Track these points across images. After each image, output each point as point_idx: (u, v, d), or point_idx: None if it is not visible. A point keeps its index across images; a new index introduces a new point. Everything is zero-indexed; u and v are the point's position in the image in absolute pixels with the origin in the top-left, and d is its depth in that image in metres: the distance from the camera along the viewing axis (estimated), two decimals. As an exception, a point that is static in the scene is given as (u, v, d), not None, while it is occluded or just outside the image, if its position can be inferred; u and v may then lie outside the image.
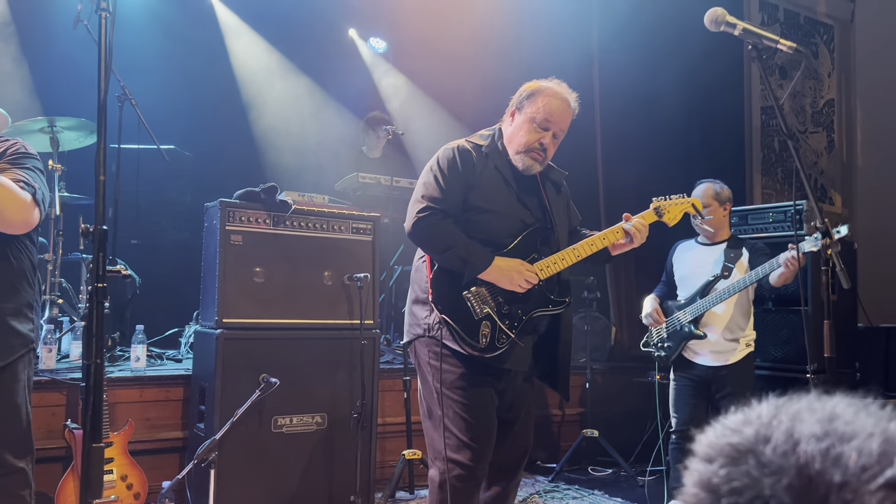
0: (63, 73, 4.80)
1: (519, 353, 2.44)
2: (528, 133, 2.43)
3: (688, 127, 6.16)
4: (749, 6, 7.09)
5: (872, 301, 5.20)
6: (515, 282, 2.35)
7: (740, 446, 0.56)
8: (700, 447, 0.59)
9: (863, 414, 0.56)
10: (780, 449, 0.54)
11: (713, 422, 0.62)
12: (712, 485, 0.56)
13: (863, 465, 0.51)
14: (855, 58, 7.70)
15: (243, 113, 6.29)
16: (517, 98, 2.50)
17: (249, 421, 3.19)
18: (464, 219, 2.41)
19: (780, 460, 0.53)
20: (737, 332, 3.52)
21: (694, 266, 3.64)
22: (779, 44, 2.15)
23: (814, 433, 0.53)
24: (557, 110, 2.43)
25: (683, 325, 3.55)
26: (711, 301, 3.47)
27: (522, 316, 2.42)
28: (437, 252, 2.39)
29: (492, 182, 2.45)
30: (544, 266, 2.42)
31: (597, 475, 4.73)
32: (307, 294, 3.48)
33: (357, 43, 6.93)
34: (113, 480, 3.15)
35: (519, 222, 2.46)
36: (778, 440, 0.54)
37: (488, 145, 2.50)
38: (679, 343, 3.56)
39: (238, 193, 3.43)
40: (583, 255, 2.47)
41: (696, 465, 0.58)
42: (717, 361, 3.51)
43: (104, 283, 1.58)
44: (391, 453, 4.12)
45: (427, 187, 2.42)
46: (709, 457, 0.57)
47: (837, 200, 7.68)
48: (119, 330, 4.46)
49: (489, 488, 2.54)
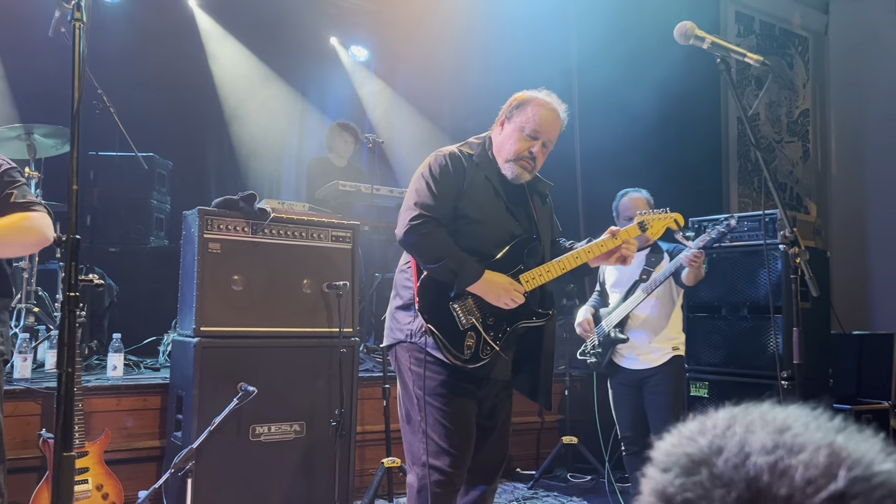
0: (40, 80, 4.77)
1: (502, 363, 2.47)
2: (518, 142, 2.45)
3: (664, 137, 6.24)
4: (725, 18, 7.20)
5: (845, 309, 5.29)
6: (502, 299, 2.37)
7: (695, 457, 0.57)
8: (657, 455, 0.60)
9: (813, 426, 0.56)
10: (731, 461, 0.55)
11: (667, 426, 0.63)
12: (667, 494, 0.57)
13: (808, 478, 0.52)
14: (829, 69, 7.84)
15: (224, 121, 6.28)
16: (507, 107, 2.52)
17: (227, 429, 3.18)
18: (452, 227, 2.42)
19: (731, 473, 0.54)
20: (661, 335, 3.56)
21: (620, 274, 3.70)
22: (746, 57, 2.20)
23: (764, 445, 0.54)
24: (547, 120, 2.45)
25: (609, 330, 3.62)
26: (630, 304, 3.54)
27: (507, 328, 2.43)
28: (428, 262, 2.39)
29: (482, 191, 2.47)
30: (530, 278, 2.44)
31: (576, 482, 4.76)
32: (286, 302, 3.48)
33: (338, 51, 6.95)
34: (88, 490, 3.13)
35: (507, 233, 2.48)
36: (731, 452, 0.55)
37: (479, 154, 2.52)
38: (607, 349, 3.63)
39: (216, 201, 3.43)
40: (568, 267, 2.48)
41: (652, 473, 0.60)
42: (644, 364, 3.55)
43: (77, 291, 1.58)
44: (370, 461, 4.12)
45: (419, 194, 2.42)
46: (665, 466, 0.58)
47: (813, 209, 7.80)
48: (96, 338, 4.43)
49: (466, 494, 2.55)
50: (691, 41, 2.25)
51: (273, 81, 6.51)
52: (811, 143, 7.88)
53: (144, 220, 5.21)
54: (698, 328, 4.41)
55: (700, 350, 4.39)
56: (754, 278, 4.16)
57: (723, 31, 7.05)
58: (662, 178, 5.72)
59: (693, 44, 2.24)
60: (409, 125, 6.89)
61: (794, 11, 7.70)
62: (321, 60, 6.78)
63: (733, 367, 4.22)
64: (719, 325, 4.34)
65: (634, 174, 5.75)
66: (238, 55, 6.35)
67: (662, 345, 3.56)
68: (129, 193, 5.13)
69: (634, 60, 5.79)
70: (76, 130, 1.62)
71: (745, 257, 4.18)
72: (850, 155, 7.61)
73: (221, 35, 6.29)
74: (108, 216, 4.97)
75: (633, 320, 3.58)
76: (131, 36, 5.37)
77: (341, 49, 6.96)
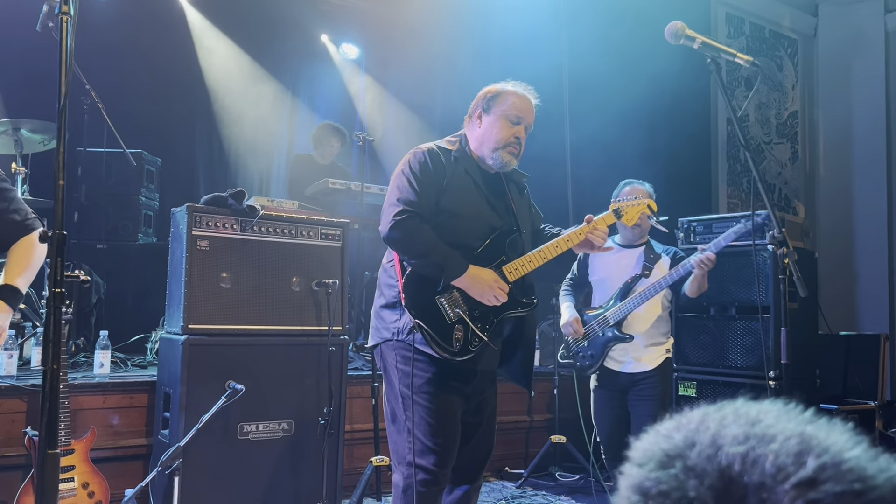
0: (27, 75, 4.73)
1: (489, 354, 2.50)
2: (503, 129, 2.50)
3: (654, 138, 6.26)
4: (715, 19, 7.24)
5: (833, 309, 5.33)
6: (486, 295, 2.40)
7: (670, 451, 0.58)
8: (635, 453, 0.62)
9: (784, 418, 0.58)
10: (704, 453, 0.56)
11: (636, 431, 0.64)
12: (643, 488, 0.58)
13: (779, 465, 0.53)
14: (818, 71, 7.90)
15: (213, 118, 6.25)
16: (481, 101, 2.57)
17: (215, 428, 3.17)
18: (434, 222, 2.43)
19: (704, 464, 0.55)
20: (657, 337, 3.46)
21: (612, 269, 3.52)
22: (736, 57, 2.21)
23: (736, 436, 0.56)
24: (525, 106, 2.54)
25: (606, 329, 3.43)
26: (635, 302, 3.35)
27: (494, 318, 2.46)
28: (413, 257, 2.41)
29: (462, 186, 2.50)
30: (513, 269, 2.47)
31: (564, 481, 4.77)
32: (275, 300, 3.47)
33: (329, 48, 6.93)
34: (74, 488, 3.10)
35: (487, 226, 2.51)
36: (703, 444, 0.57)
37: (457, 150, 2.55)
38: (602, 350, 3.43)
39: (205, 198, 3.41)
40: (549, 257, 2.53)
41: (629, 469, 0.61)
42: (638, 367, 3.41)
43: (63, 288, 1.57)
44: (359, 460, 4.12)
45: (402, 191, 2.44)
46: (641, 461, 0.60)
47: (801, 211, 7.86)
48: (83, 335, 4.40)
49: (451, 492, 2.56)
50: (682, 41, 2.26)
51: (263, 79, 6.48)
52: (800, 144, 7.93)
53: (133, 216, 5.17)
54: (687, 328, 4.43)
55: (688, 350, 4.41)
56: (742, 278, 4.18)
57: (713, 32, 7.09)
58: (651, 179, 5.73)
59: (683, 43, 2.25)
60: (399, 123, 6.89)
61: (783, 14, 7.74)
62: (312, 58, 6.76)
63: (721, 367, 4.24)
64: (707, 324, 4.36)
65: (624, 174, 5.77)
66: (228, 52, 6.32)
67: (657, 347, 3.44)
68: (118, 190, 5.09)
69: (624, 62, 5.81)
70: (63, 125, 1.60)
71: (734, 258, 4.19)
72: (838, 156, 7.67)
73: (211, 31, 6.26)
74: (95, 212, 4.94)
75: (633, 319, 3.41)
76: (120, 32, 5.34)
77: (332, 46, 6.94)
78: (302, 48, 6.70)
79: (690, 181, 6.78)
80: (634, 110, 5.94)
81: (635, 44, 5.71)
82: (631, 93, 5.88)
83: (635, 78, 5.82)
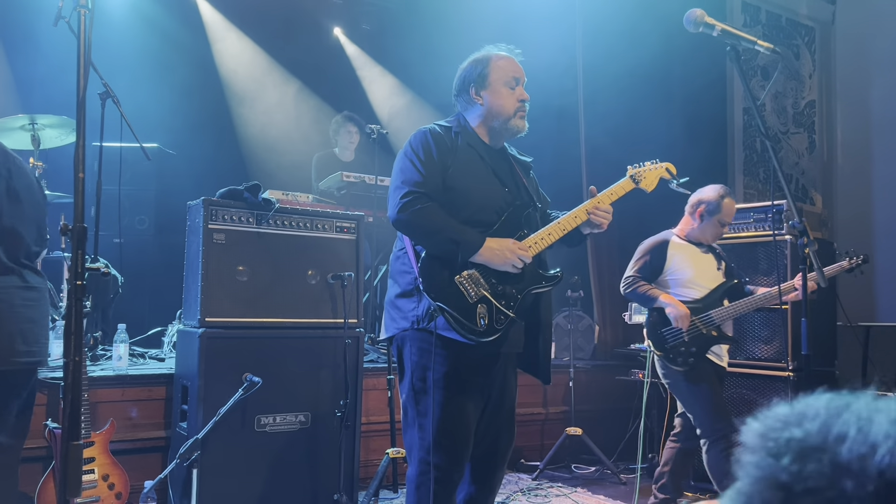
0: (44, 70, 4.77)
1: (514, 333, 2.41)
2: (508, 95, 2.48)
3: (670, 128, 6.21)
4: (731, 8, 7.15)
5: (851, 300, 5.27)
6: (509, 261, 2.31)
7: (807, 441, 0.54)
8: (752, 439, 0.57)
9: None
10: (856, 450, 0.52)
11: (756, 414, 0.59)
12: (781, 482, 0.53)
13: None
14: (836, 59, 7.78)
15: (228, 111, 6.28)
16: (473, 76, 2.51)
17: (232, 420, 3.19)
18: (445, 200, 2.35)
19: (860, 463, 0.51)
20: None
21: (700, 268, 3.56)
22: (756, 45, 2.18)
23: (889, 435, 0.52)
24: (514, 65, 2.53)
25: (711, 328, 3.47)
26: (748, 305, 3.49)
27: (518, 294, 2.37)
28: (425, 237, 2.33)
29: (467, 159, 2.43)
30: (532, 243, 2.40)
31: (580, 473, 4.76)
32: (291, 293, 3.48)
33: (342, 41, 6.93)
34: (94, 480, 3.13)
35: (500, 199, 2.43)
36: (855, 440, 0.52)
37: (457, 126, 2.50)
38: (704, 347, 3.46)
39: (221, 192, 3.42)
40: (567, 228, 2.46)
41: (752, 458, 0.56)
42: (722, 363, 3.59)
43: (83, 280, 1.57)
44: (375, 452, 4.13)
45: (406, 172, 2.37)
46: (774, 451, 0.55)
47: (818, 201, 7.77)
48: (101, 329, 4.43)
49: (473, 483, 2.50)
50: (701, 28, 2.23)
51: (277, 72, 6.50)
52: (817, 133, 7.83)
53: (149, 210, 5.20)
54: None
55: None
56: (761, 269, 4.14)
57: (729, 21, 7.00)
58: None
59: (703, 31, 2.22)
60: (413, 114, 6.87)
61: (800, 1, 7.64)
62: (325, 51, 6.76)
63: (741, 359, 4.20)
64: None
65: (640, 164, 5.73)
66: (242, 46, 6.33)
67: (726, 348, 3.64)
68: (134, 184, 5.12)
69: (640, 50, 5.75)
70: (82, 118, 1.60)
71: (753, 248, 4.15)
72: (856, 145, 7.56)
73: (225, 25, 6.28)
74: (112, 207, 4.96)
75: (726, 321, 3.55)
76: (136, 27, 5.36)
77: (345, 39, 6.93)
78: (315, 41, 6.70)
79: (707, 172, 6.70)
80: (649, 101, 5.89)
81: (650, 34, 5.66)
82: (646, 84, 5.83)
83: (650, 69, 5.76)
